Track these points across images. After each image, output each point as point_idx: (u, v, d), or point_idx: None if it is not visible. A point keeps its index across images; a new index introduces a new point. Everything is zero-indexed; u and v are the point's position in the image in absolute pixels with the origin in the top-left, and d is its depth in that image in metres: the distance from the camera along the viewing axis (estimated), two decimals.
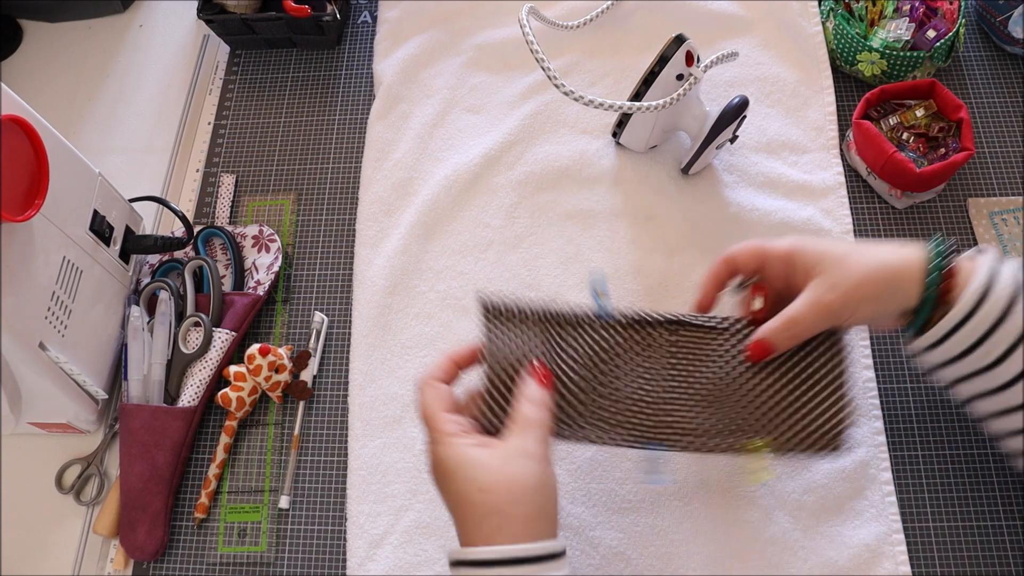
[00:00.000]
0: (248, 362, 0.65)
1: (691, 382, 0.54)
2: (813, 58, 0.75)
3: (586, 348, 0.53)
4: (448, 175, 0.73)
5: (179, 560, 0.64)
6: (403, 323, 0.68)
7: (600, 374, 0.53)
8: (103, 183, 0.66)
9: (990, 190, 0.70)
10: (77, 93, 0.85)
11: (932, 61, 0.70)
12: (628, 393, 0.53)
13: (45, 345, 0.59)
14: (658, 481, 0.55)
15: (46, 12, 0.89)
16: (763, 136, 0.73)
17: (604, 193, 0.72)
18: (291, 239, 0.74)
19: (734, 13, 0.78)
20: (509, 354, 0.52)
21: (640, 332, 0.54)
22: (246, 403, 0.66)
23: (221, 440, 0.66)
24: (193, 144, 0.81)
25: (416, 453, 0.64)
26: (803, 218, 0.68)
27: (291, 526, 0.64)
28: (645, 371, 0.54)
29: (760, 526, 0.59)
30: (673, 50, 0.64)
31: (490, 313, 0.53)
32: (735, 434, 0.53)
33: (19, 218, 0.54)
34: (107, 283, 0.67)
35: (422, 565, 0.60)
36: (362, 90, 0.81)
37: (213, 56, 0.86)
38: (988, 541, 0.58)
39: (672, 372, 0.54)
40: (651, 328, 0.54)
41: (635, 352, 0.54)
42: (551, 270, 0.69)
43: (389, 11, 0.83)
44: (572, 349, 0.53)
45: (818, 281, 0.51)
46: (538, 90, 0.76)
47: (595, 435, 0.52)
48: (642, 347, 0.54)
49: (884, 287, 0.51)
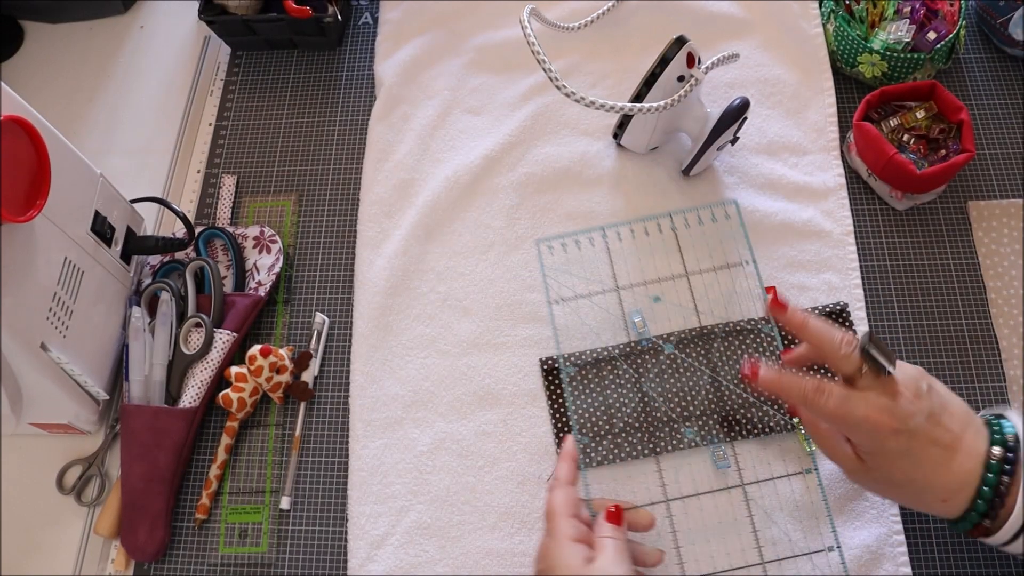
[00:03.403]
0: (249, 363, 0.65)
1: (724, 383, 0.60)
2: (814, 60, 0.76)
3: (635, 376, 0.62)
4: (449, 176, 0.73)
5: (180, 561, 0.64)
6: (404, 324, 0.68)
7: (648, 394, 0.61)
8: (104, 184, 0.66)
9: (990, 192, 0.70)
10: (78, 94, 0.85)
11: (933, 63, 0.70)
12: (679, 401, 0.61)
13: (46, 346, 0.59)
14: (723, 466, 0.60)
15: (47, 13, 0.89)
16: (764, 137, 0.73)
17: (605, 194, 0.72)
18: (292, 240, 0.74)
19: (735, 15, 0.78)
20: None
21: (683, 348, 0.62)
22: (247, 404, 0.66)
23: (222, 441, 0.66)
24: (194, 145, 0.81)
25: (417, 454, 0.64)
26: (803, 219, 0.69)
27: (292, 527, 0.64)
28: (688, 380, 0.61)
29: (760, 526, 0.59)
30: (674, 51, 0.64)
31: (571, 381, 0.61)
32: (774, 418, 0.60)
33: (20, 219, 0.54)
34: (108, 284, 0.67)
35: (423, 566, 0.60)
36: (363, 91, 0.81)
37: (214, 57, 0.86)
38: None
39: (707, 377, 0.61)
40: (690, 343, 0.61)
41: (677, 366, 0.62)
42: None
43: (390, 12, 0.83)
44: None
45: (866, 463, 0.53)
46: (539, 91, 0.77)
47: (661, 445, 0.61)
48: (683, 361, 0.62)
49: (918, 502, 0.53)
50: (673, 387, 0.62)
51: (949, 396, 0.53)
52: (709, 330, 0.64)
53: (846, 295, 0.66)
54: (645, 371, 0.63)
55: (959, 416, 0.51)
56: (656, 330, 0.64)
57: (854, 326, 0.64)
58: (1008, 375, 0.63)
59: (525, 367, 0.66)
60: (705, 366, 0.62)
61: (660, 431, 0.61)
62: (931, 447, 0.50)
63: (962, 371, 0.64)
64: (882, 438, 0.50)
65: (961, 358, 0.64)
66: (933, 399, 0.51)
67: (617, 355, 0.63)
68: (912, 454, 0.50)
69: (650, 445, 0.61)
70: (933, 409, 0.51)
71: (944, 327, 0.65)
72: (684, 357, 0.63)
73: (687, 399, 0.62)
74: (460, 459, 0.63)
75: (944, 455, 0.50)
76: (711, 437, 0.61)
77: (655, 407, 0.62)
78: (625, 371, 0.63)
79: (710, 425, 0.61)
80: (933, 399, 0.51)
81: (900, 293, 0.67)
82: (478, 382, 0.66)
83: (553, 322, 0.66)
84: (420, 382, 0.66)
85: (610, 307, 0.65)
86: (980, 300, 0.66)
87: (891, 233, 0.69)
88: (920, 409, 0.50)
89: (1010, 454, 0.49)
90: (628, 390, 0.63)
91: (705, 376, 0.62)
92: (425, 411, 0.65)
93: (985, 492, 0.49)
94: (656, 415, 0.62)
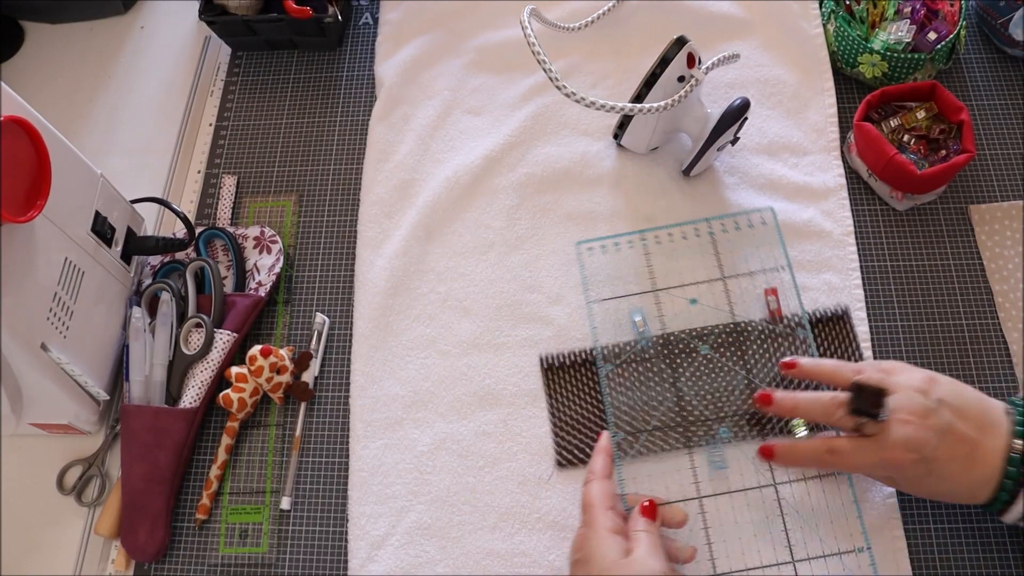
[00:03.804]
0: (250, 363, 0.65)
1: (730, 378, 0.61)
2: (814, 60, 0.76)
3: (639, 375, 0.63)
4: (449, 176, 0.73)
5: (180, 561, 0.64)
6: (404, 324, 0.68)
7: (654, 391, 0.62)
8: (105, 184, 0.66)
9: (991, 192, 0.70)
10: (78, 94, 0.85)
11: (933, 63, 0.70)
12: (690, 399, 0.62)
13: (47, 346, 0.59)
14: (720, 466, 0.61)
15: (47, 13, 0.89)
16: (764, 138, 0.73)
17: (605, 195, 0.72)
18: (292, 240, 0.74)
19: (735, 15, 0.78)
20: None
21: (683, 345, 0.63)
22: (247, 404, 0.66)
23: (223, 441, 0.66)
24: (194, 145, 0.81)
25: (417, 454, 0.64)
26: (804, 220, 0.69)
27: (292, 527, 0.64)
28: (690, 376, 0.63)
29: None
30: (675, 52, 0.64)
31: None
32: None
33: (21, 219, 0.54)
34: (109, 284, 0.67)
35: (423, 566, 0.60)
36: (363, 91, 0.81)
37: (214, 57, 0.86)
38: (988, 542, 0.58)
39: (711, 374, 0.62)
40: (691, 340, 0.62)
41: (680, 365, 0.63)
42: (552, 271, 0.69)
43: (390, 13, 0.83)
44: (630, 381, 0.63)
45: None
46: (539, 92, 0.77)
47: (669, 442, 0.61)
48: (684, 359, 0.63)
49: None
50: (708, 386, 0.63)
51: (961, 396, 0.53)
52: (744, 332, 0.64)
53: (846, 295, 0.66)
54: (682, 371, 0.64)
55: (975, 416, 0.52)
56: (692, 332, 0.65)
57: (855, 330, 0.64)
58: (1021, 379, 0.63)
59: (525, 367, 0.66)
60: (740, 367, 0.63)
61: (695, 429, 0.62)
62: (951, 463, 0.51)
63: (963, 371, 0.64)
64: (903, 470, 0.52)
65: (962, 358, 0.64)
66: (943, 413, 0.52)
67: (653, 355, 0.64)
68: (934, 473, 0.51)
69: (683, 441, 0.62)
70: (946, 423, 0.51)
71: (945, 327, 0.65)
72: (719, 358, 0.63)
73: (722, 399, 0.62)
74: (460, 459, 0.63)
75: (965, 465, 0.51)
76: (744, 436, 0.61)
77: (691, 406, 0.62)
78: (662, 370, 0.64)
79: (743, 424, 0.61)
80: (943, 413, 0.52)
81: (900, 293, 0.67)
82: (478, 382, 0.66)
83: (592, 322, 0.66)
84: (420, 382, 0.66)
85: (647, 308, 0.66)
86: (981, 300, 0.66)
87: (891, 233, 0.69)
88: (933, 430, 0.51)
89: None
90: (665, 388, 0.63)
91: (740, 377, 0.63)
92: (425, 411, 0.65)
93: (1008, 484, 0.51)
94: (692, 414, 0.62)
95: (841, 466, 0.55)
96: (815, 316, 0.65)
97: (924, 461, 0.51)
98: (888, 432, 0.52)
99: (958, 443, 0.51)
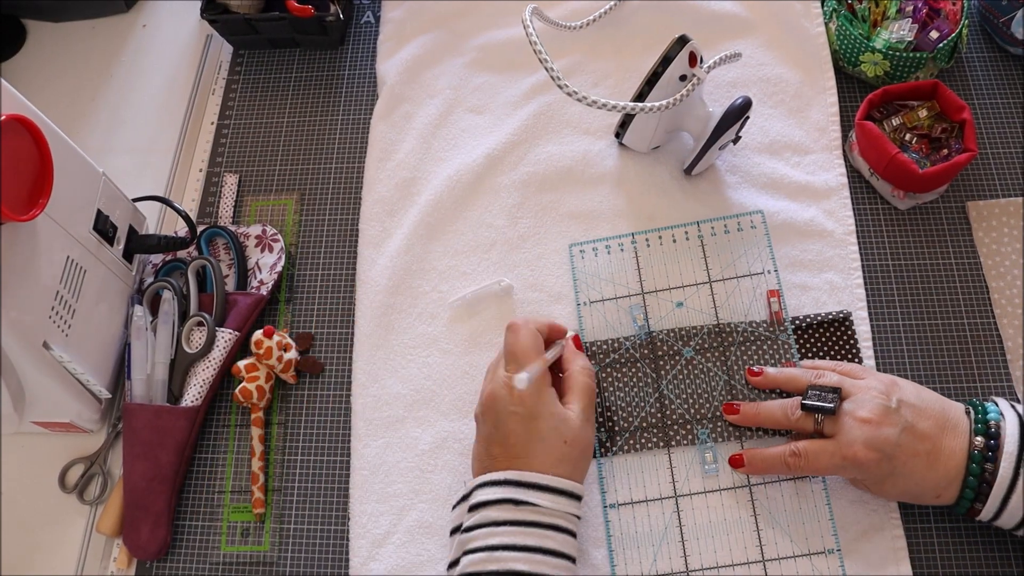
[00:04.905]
0: (256, 347, 0.66)
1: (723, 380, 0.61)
2: (816, 59, 0.75)
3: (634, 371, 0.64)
4: (451, 175, 0.73)
5: (182, 559, 0.64)
6: (406, 323, 0.68)
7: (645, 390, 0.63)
8: (107, 183, 0.66)
9: (992, 191, 0.70)
10: (81, 93, 0.85)
11: (935, 62, 0.70)
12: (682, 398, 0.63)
13: (49, 344, 0.59)
14: (712, 471, 0.61)
15: (50, 12, 0.89)
16: (766, 137, 0.73)
17: (607, 193, 0.72)
18: (294, 239, 0.75)
19: (737, 14, 0.78)
20: None
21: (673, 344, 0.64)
22: (266, 391, 0.66)
23: (253, 433, 0.66)
24: (196, 144, 0.81)
25: (419, 453, 0.64)
26: (805, 219, 0.69)
27: (294, 526, 0.64)
28: (684, 377, 0.63)
29: (763, 526, 0.59)
30: (676, 51, 0.64)
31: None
32: None
33: (23, 217, 0.54)
34: (110, 283, 0.67)
35: (424, 565, 0.60)
36: (365, 90, 0.81)
37: (216, 56, 0.86)
38: (988, 541, 0.58)
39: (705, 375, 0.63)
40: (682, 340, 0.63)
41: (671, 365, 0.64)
42: (554, 270, 0.69)
43: (392, 11, 0.83)
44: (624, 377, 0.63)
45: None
46: (541, 90, 0.77)
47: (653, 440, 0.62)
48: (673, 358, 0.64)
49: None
50: (689, 388, 0.63)
51: (920, 398, 0.55)
52: (728, 336, 0.64)
53: (848, 295, 0.66)
54: (665, 372, 0.64)
55: (935, 416, 0.54)
56: (677, 334, 0.65)
57: (856, 335, 0.64)
58: (1015, 376, 0.63)
59: None
60: (721, 370, 0.63)
61: (675, 430, 0.62)
62: (913, 460, 0.53)
63: (964, 371, 0.64)
64: (867, 469, 0.53)
65: (963, 357, 0.64)
66: (904, 412, 0.53)
67: (639, 357, 0.64)
68: (897, 472, 0.53)
69: (663, 441, 0.62)
70: (907, 422, 0.53)
71: (946, 326, 0.65)
72: (702, 361, 0.64)
73: (702, 400, 0.63)
74: (462, 458, 0.63)
75: (927, 462, 0.53)
76: (721, 437, 0.61)
77: (672, 407, 0.63)
78: (647, 373, 0.64)
79: (722, 426, 0.62)
80: (904, 412, 0.53)
81: (902, 292, 0.67)
82: (480, 381, 0.66)
83: (580, 324, 0.66)
84: (422, 381, 0.66)
85: (634, 310, 0.66)
86: (982, 300, 0.66)
87: (893, 233, 0.69)
88: (893, 427, 0.52)
89: (992, 441, 0.52)
90: (648, 390, 0.64)
91: (720, 379, 0.63)
92: (427, 410, 0.65)
93: (971, 482, 0.52)
94: (673, 415, 0.62)
95: (806, 468, 0.56)
96: (816, 319, 0.64)
97: (887, 459, 0.52)
98: (849, 431, 0.53)
99: (919, 440, 0.53)
